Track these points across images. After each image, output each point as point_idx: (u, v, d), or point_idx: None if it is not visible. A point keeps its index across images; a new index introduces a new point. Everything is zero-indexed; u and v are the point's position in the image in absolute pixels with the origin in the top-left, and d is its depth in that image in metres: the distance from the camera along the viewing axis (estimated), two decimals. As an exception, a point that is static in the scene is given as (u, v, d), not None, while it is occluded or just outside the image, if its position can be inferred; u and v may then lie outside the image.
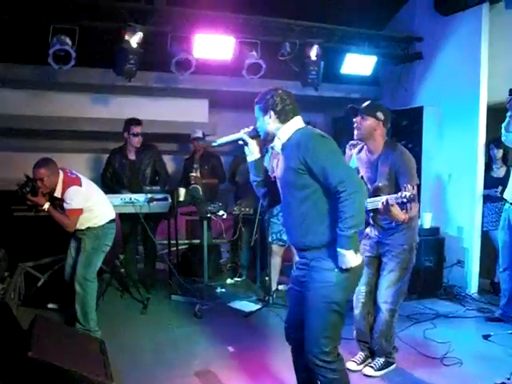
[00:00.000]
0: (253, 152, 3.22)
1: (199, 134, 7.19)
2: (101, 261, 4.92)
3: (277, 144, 3.13)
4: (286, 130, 3.09)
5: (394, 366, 4.24)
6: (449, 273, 6.63)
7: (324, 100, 8.03)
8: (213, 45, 6.16)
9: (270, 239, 5.98)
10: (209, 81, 7.16)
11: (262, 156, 3.29)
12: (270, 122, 3.10)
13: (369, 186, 4.03)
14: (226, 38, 6.19)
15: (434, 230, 6.56)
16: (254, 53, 6.39)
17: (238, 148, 7.53)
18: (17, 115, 6.83)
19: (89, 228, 4.79)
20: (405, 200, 3.60)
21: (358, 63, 7.11)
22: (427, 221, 6.48)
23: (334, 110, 8.75)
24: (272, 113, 3.08)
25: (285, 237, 5.86)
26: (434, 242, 6.42)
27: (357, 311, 4.30)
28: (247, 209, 6.66)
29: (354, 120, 4.07)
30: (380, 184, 3.93)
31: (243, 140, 3.20)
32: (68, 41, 5.64)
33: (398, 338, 4.60)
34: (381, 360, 4.20)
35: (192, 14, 6.16)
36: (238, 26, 6.33)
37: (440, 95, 7.01)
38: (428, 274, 6.30)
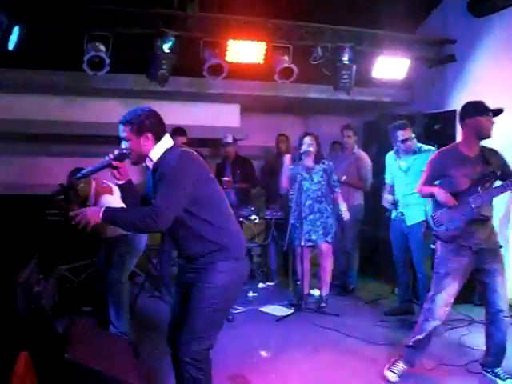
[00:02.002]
0: (122, 175, 3.08)
1: (229, 140, 7.20)
2: (133, 264, 5.00)
3: (149, 165, 3.08)
4: (157, 150, 3.05)
5: None
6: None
7: (355, 104, 8.00)
8: (245, 49, 6.19)
9: (297, 242, 5.97)
10: (241, 85, 7.18)
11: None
12: (146, 144, 3.02)
13: None
14: (257, 43, 6.21)
15: (469, 235, 6.44)
16: (286, 57, 6.39)
17: (269, 153, 7.47)
18: (52, 121, 6.93)
19: (122, 235, 4.85)
20: None
21: (390, 66, 7.05)
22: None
23: (366, 114, 8.71)
24: (150, 135, 3.01)
25: (314, 236, 5.89)
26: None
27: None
28: (279, 213, 6.68)
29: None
30: None
31: (111, 165, 3.03)
32: (102, 47, 5.74)
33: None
34: None
35: (224, 20, 6.20)
36: (270, 30, 6.35)
37: (474, 98, 6.87)
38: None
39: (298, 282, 6.13)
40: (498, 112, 3.99)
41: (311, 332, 5.35)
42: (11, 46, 5.40)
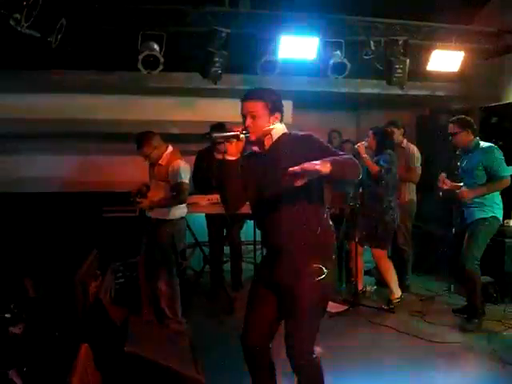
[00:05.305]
0: (239, 150, 2.96)
1: None
2: (173, 256, 4.99)
3: (266, 142, 2.99)
4: (278, 131, 2.99)
5: None
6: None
7: (408, 98, 7.86)
8: (297, 45, 6.16)
9: (349, 238, 5.91)
10: (293, 81, 7.16)
11: None
12: (274, 123, 2.97)
13: None
14: (310, 39, 6.18)
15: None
16: (339, 52, 6.34)
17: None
18: (106, 119, 7.08)
19: (168, 221, 4.87)
20: None
21: (445, 59, 6.89)
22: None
23: (419, 108, 8.55)
24: (279, 115, 3.00)
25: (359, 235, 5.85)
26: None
27: None
28: (332, 209, 6.64)
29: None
30: None
31: (238, 137, 2.91)
32: (156, 46, 5.83)
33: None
34: None
35: (276, 16, 6.19)
36: (322, 25, 6.30)
37: (533, 91, 6.71)
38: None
39: (353, 279, 6.08)
40: None
41: (366, 329, 5.31)
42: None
